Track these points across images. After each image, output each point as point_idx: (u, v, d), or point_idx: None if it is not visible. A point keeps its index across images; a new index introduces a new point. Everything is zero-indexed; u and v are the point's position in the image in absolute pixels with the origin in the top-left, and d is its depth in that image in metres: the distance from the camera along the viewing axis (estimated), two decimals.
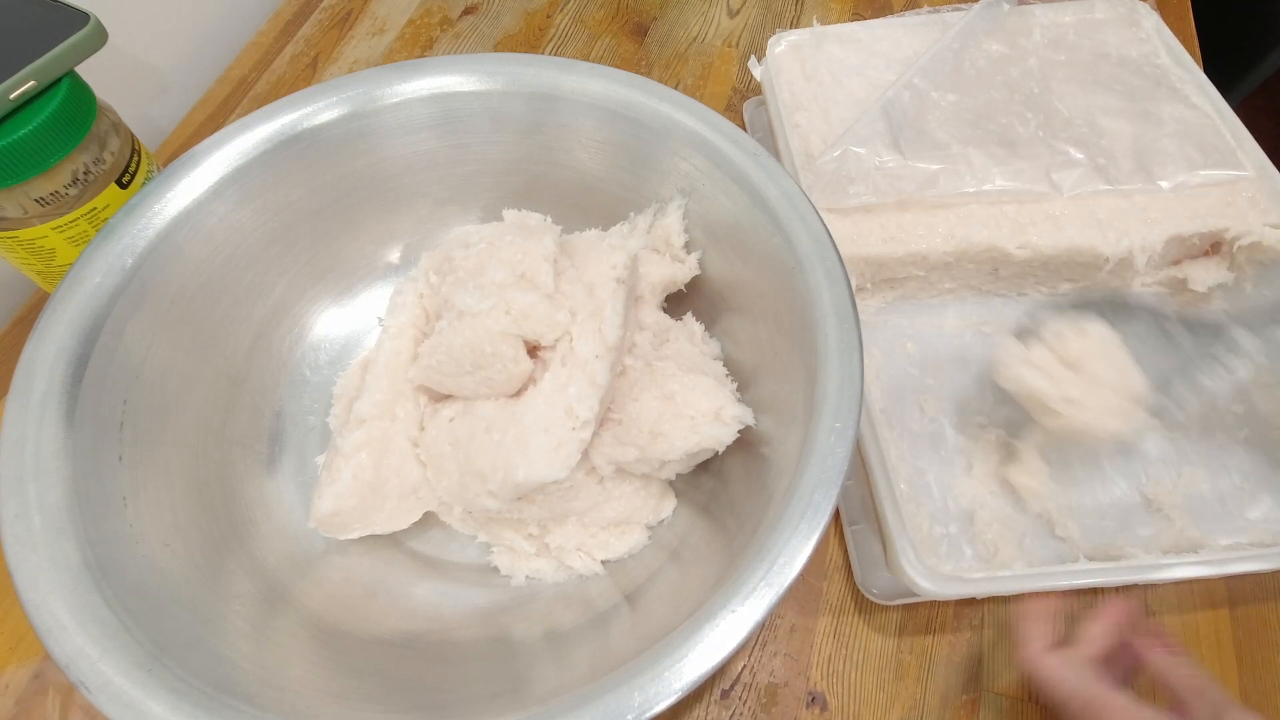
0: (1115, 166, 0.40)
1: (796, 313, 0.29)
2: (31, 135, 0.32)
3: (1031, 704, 0.33)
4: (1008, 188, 0.39)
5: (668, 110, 0.34)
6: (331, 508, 0.31)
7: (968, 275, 0.40)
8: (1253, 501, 0.35)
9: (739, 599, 0.23)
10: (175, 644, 0.24)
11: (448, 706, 0.26)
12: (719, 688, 0.34)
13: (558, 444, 0.29)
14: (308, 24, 0.58)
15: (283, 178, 0.34)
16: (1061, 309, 0.35)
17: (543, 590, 0.33)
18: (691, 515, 0.33)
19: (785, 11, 0.59)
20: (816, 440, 0.26)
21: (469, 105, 0.36)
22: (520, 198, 0.39)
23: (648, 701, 0.22)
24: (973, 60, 0.44)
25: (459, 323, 0.30)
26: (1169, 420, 0.37)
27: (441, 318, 0.32)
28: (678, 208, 0.35)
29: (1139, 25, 0.46)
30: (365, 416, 0.32)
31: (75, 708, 0.33)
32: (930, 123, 0.42)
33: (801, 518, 0.24)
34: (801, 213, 0.31)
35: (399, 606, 0.32)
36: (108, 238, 0.30)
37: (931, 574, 0.31)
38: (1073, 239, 0.38)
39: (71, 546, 0.25)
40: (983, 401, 0.38)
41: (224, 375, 0.34)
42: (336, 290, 0.38)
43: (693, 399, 0.31)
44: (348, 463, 0.32)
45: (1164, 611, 0.35)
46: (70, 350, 0.28)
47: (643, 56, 0.56)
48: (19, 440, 0.26)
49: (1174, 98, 0.42)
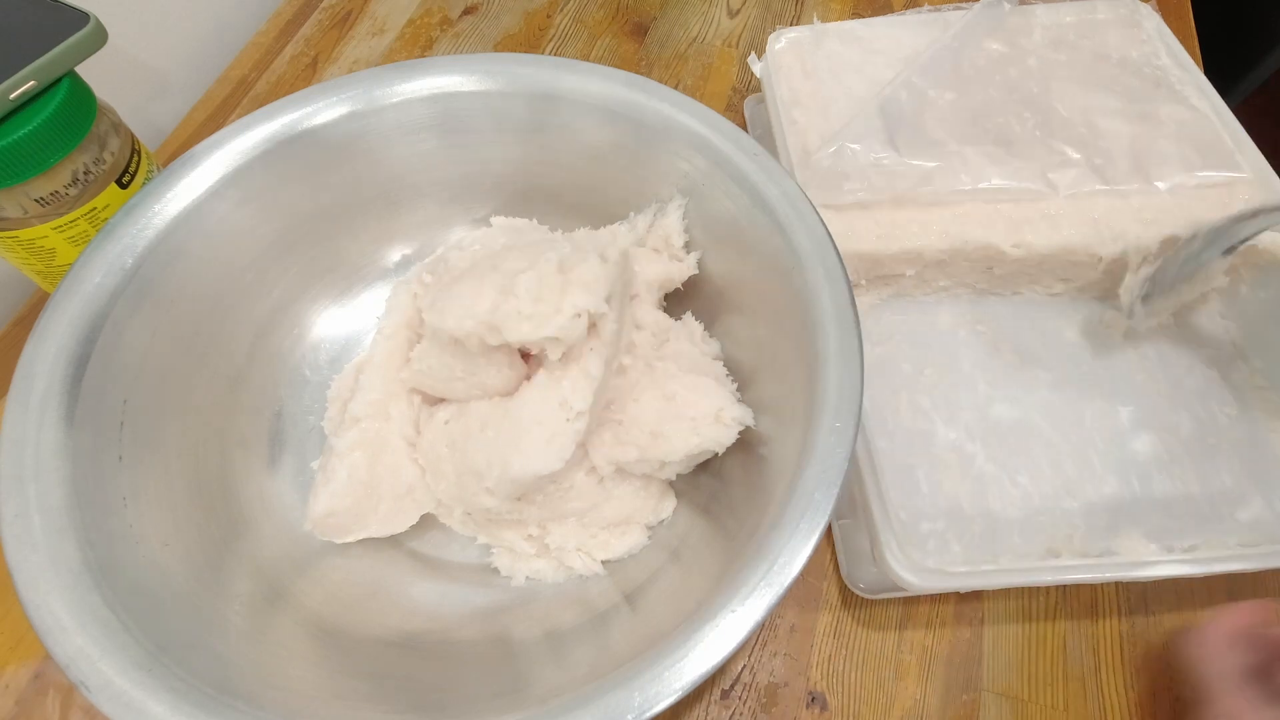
0: (1112, 167, 0.40)
1: (796, 313, 0.29)
2: (31, 135, 0.32)
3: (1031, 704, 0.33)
4: (1004, 186, 0.39)
5: (668, 110, 0.34)
6: (327, 508, 0.31)
7: (962, 273, 0.40)
8: (1243, 503, 0.35)
9: (739, 599, 0.23)
10: (175, 644, 0.24)
11: (447, 706, 0.26)
12: (719, 688, 0.34)
13: (551, 435, 0.29)
14: (308, 24, 0.58)
15: (283, 178, 0.34)
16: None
17: (543, 590, 0.33)
18: (691, 515, 0.33)
19: (785, 11, 0.59)
20: (816, 440, 0.26)
21: (469, 105, 0.36)
22: (520, 197, 0.39)
23: (648, 701, 0.22)
24: (972, 59, 0.44)
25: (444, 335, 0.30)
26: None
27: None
28: (678, 208, 0.35)
29: (1140, 26, 0.46)
30: (360, 416, 0.32)
31: (75, 708, 0.33)
32: (927, 121, 0.42)
33: (801, 518, 0.24)
34: (801, 213, 0.31)
35: (399, 606, 0.32)
36: (108, 238, 0.30)
37: (916, 568, 0.31)
38: (1068, 238, 0.38)
39: (71, 546, 0.25)
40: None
41: (224, 375, 0.34)
42: (336, 290, 0.38)
43: (693, 400, 0.31)
44: (343, 462, 0.32)
45: (1164, 611, 0.35)
46: (70, 350, 0.28)
47: (643, 56, 0.56)
48: (19, 440, 0.26)
49: (1173, 99, 0.42)
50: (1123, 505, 0.35)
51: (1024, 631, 0.35)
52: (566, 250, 0.29)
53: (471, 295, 0.29)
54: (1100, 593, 0.36)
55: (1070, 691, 0.34)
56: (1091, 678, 0.34)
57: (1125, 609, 0.36)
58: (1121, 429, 0.37)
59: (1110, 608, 0.36)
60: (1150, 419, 0.38)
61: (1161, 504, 0.35)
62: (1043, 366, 0.40)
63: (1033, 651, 0.35)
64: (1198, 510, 0.35)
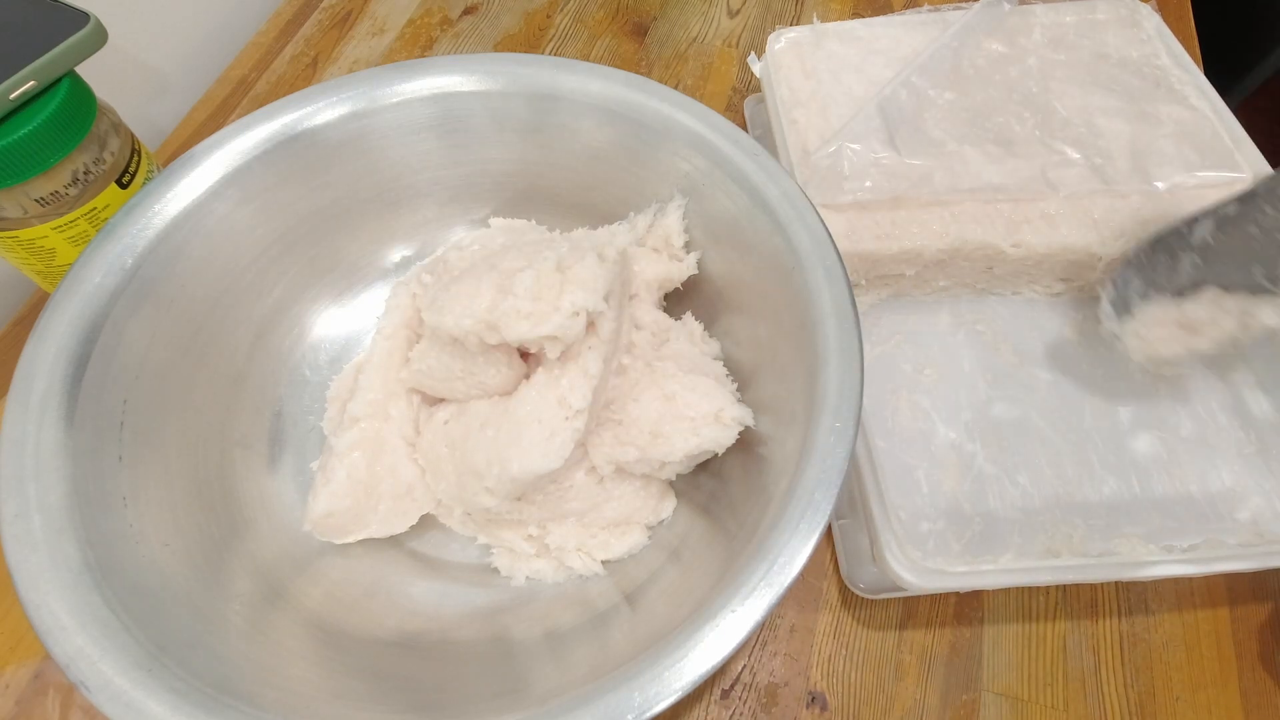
0: (1112, 167, 0.40)
1: (796, 312, 0.29)
2: (31, 135, 0.32)
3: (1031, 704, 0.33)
4: (1003, 186, 0.39)
5: (668, 110, 0.34)
6: (326, 508, 0.31)
7: (961, 273, 0.40)
8: (1242, 503, 0.35)
9: (739, 599, 0.23)
10: (175, 644, 0.24)
11: (447, 706, 0.26)
12: (719, 688, 0.34)
13: (550, 434, 0.29)
14: (308, 24, 0.58)
15: (283, 178, 0.34)
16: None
17: (542, 590, 0.33)
18: (691, 515, 0.33)
19: (785, 11, 0.59)
20: (816, 440, 0.26)
21: (469, 105, 0.36)
22: (520, 197, 0.39)
23: (648, 701, 0.22)
24: (971, 59, 0.44)
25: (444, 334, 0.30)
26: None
27: None
28: (678, 208, 0.35)
29: (1140, 26, 0.46)
30: (359, 416, 0.32)
31: (75, 708, 0.33)
32: (927, 120, 0.42)
33: (801, 518, 0.24)
34: (801, 213, 0.31)
35: (398, 606, 0.32)
36: (108, 238, 0.30)
37: (915, 568, 0.31)
38: (1067, 238, 0.38)
39: (71, 546, 0.25)
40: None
41: (224, 375, 0.34)
42: (336, 290, 0.38)
43: (693, 400, 0.31)
44: (342, 462, 0.32)
45: (1164, 610, 0.35)
46: (70, 350, 0.28)
47: (643, 56, 0.56)
48: (19, 440, 0.26)
49: (1173, 99, 0.42)
50: (1122, 505, 0.35)
51: (1024, 631, 0.35)
52: (564, 249, 0.29)
53: (470, 294, 0.29)
54: (1100, 593, 0.36)
55: (1070, 691, 0.34)
56: (1091, 678, 0.34)
57: (1125, 609, 0.36)
58: (1121, 429, 0.37)
59: (1110, 608, 0.36)
60: (1150, 419, 0.38)
61: (1161, 504, 0.35)
62: (1043, 366, 0.40)
63: (1032, 651, 0.35)
64: (1198, 510, 0.35)
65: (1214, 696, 0.33)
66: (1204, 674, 0.34)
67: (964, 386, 0.39)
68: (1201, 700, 0.33)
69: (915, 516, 0.35)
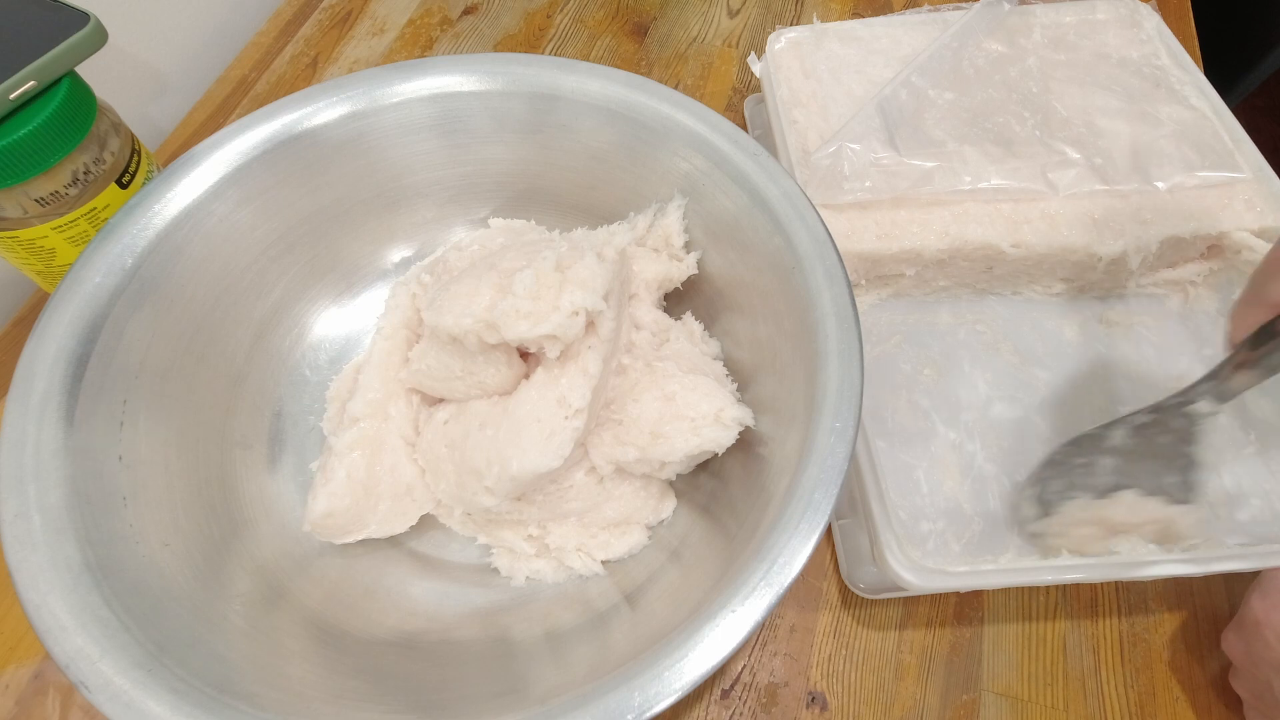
0: (1112, 167, 0.40)
1: (796, 313, 0.29)
2: (31, 135, 0.32)
3: (1031, 704, 0.33)
4: (1003, 186, 0.39)
5: (668, 110, 0.34)
6: (325, 508, 0.31)
7: (961, 273, 0.40)
8: (1243, 503, 0.35)
9: (739, 599, 0.23)
10: (175, 644, 0.24)
11: (447, 706, 0.26)
12: (719, 688, 0.34)
13: (550, 433, 0.29)
14: (308, 24, 0.58)
15: (283, 178, 0.34)
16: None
17: (542, 590, 0.33)
18: (691, 515, 0.33)
19: (785, 11, 0.59)
20: (816, 440, 0.26)
21: (469, 105, 0.36)
22: (520, 198, 0.39)
23: (648, 701, 0.22)
24: (971, 59, 0.44)
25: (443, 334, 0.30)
26: None
27: None
28: (678, 208, 0.35)
29: (1140, 26, 0.46)
30: (359, 415, 0.32)
31: (75, 708, 0.33)
32: (927, 120, 0.42)
33: (801, 518, 0.24)
34: (801, 213, 0.31)
35: (398, 606, 0.32)
36: (108, 238, 0.30)
37: (915, 568, 0.31)
38: (1067, 238, 0.38)
39: (71, 546, 0.25)
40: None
41: (224, 375, 0.34)
42: (336, 290, 0.38)
43: (693, 400, 0.31)
44: (342, 462, 0.32)
45: (1164, 611, 0.35)
46: (70, 350, 0.28)
47: (643, 56, 0.56)
48: (19, 440, 0.26)
49: (1173, 99, 0.42)
50: None
51: (1024, 631, 0.35)
52: (564, 249, 0.29)
53: (469, 294, 0.29)
54: (1100, 593, 0.36)
55: (1070, 691, 0.34)
56: (1091, 678, 0.34)
57: (1125, 609, 0.36)
58: None
59: (1110, 608, 0.36)
60: None
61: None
62: (1043, 366, 0.40)
63: (1033, 651, 0.35)
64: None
65: (1214, 697, 0.33)
66: (1204, 674, 0.34)
67: (964, 386, 0.39)
68: (1201, 700, 0.33)
69: (915, 516, 0.35)
